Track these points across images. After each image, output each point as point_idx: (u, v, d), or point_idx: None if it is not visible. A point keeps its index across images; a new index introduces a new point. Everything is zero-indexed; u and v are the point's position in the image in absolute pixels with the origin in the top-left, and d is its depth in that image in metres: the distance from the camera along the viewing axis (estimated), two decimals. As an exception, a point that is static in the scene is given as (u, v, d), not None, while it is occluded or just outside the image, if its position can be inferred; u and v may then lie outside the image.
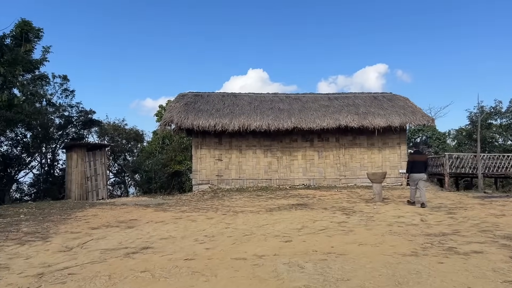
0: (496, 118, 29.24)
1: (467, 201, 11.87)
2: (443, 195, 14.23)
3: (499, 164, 17.53)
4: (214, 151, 18.26)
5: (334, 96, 20.32)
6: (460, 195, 14.22)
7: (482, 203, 11.29)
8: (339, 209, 10.38)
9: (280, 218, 8.85)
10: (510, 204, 10.81)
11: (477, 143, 17.15)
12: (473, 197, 13.45)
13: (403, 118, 18.07)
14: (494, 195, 13.73)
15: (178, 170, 24.82)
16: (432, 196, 13.99)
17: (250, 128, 17.32)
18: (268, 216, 9.25)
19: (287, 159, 18.58)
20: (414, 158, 11.26)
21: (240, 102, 19.10)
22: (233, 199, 13.56)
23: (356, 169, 18.73)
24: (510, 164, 17.57)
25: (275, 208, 10.63)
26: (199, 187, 17.85)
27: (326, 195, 14.37)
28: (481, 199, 12.59)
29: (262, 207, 10.92)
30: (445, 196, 13.92)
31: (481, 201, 11.79)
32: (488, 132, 29.93)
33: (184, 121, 17.14)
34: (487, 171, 17.52)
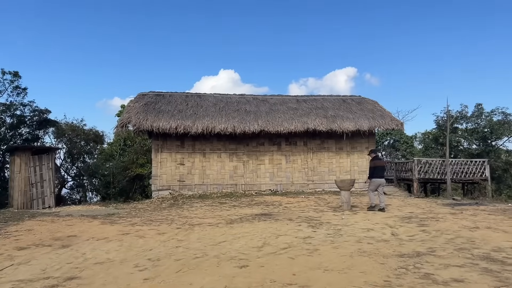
0: (462, 123, 29.52)
1: (438, 210, 11.41)
2: (413, 202, 13.79)
3: (467, 170, 17.37)
4: (175, 155, 17.22)
5: (303, 99, 19.69)
6: (430, 202, 13.81)
7: (453, 212, 10.84)
8: (305, 219, 9.63)
9: (240, 233, 8.00)
10: (481, 213, 10.39)
11: (446, 148, 16.93)
12: (442, 204, 13.06)
13: (372, 122, 17.63)
14: (463, 202, 13.40)
15: (140, 174, 23.54)
16: (402, 203, 13.51)
17: (215, 130, 16.40)
18: (227, 230, 8.38)
19: (253, 164, 17.77)
20: (376, 164, 11.64)
21: (204, 103, 18.14)
22: (193, 207, 12.60)
23: (324, 173, 18.15)
24: (477, 169, 17.44)
25: (237, 220, 9.76)
26: (159, 193, 16.75)
27: (293, 202, 13.64)
28: (451, 207, 12.18)
29: (223, 218, 10.03)
30: (415, 203, 13.47)
31: (451, 210, 11.35)
32: (454, 136, 30.19)
33: (143, 123, 16.02)
34: (455, 177, 17.32)
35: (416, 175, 17.11)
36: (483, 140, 28.61)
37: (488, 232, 7.65)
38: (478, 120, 28.74)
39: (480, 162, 17.63)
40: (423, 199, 15.13)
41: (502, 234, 7.43)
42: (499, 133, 27.17)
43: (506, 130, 27.13)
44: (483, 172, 17.47)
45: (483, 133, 28.14)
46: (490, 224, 8.63)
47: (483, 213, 10.53)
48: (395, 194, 16.89)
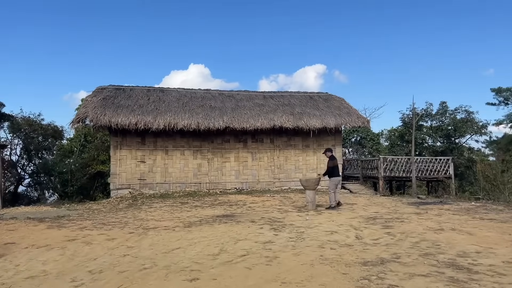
0: (426, 120, 29.98)
1: (403, 209, 11.26)
2: (378, 201, 13.65)
3: (431, 168, 17.48)
4: (136, 152, 16.44)
5: (270, 95, 19.28)
6: (395, 201, 13.72)
7: (418, 212, 10.70)
8: (268, 221, 9.21)
9: (197, 238, 7.47)
10: (446, 213, 10.29)
11: (412, 146, 16.97)
12: (408, 203, 12.96)
13: (339, 119, 17.44)
14: (428, 201, 13.37)
15: (101, 171, 22.55)
16: (367, 202, 13.34)
17: (178, 127, 15.75)
18: (184, 234, 7.83)
19: (218, 161, 17.23)
20: (335, 163, 11.83)
21: (167, 98, 17.41)
22: (153, 208, 11.95)
23: (290, 171, 17.83)
24: (442, 167, 17.58)
25: (196, 222, 9.22)
26: (118, 192, 15.95)
27: (258, 202, 13.22)
28: (416, 206, 12.08)
29: (181, 221, 9.46)
30: (380, 202, 13.33)
31: (416, 209, 11.22)
32: (419, 133, 30.65)
33: (101, 118, 15.16)
34: (420, 175, 17.40)
35: (382, 173, 17.06)
36: (447, 137, 29.19)
37: (453, 234, 7.46)
38: (443, 118, 29.27)
39: (444, 160, 17.79)
40: (388, 198, 15.05)
41: (467, 236, 7.24)
42: (462, 130, 27.76)
43: (469, 128, 27.74)
44: (447, 170, 17.64)
45: (447, 131, 28.68)
46: (455, 225, 8.47)
47: (448, 212, 10.43)
48: (361, 192, 16.79)
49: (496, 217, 9.51)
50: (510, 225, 8.27)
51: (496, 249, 6.25)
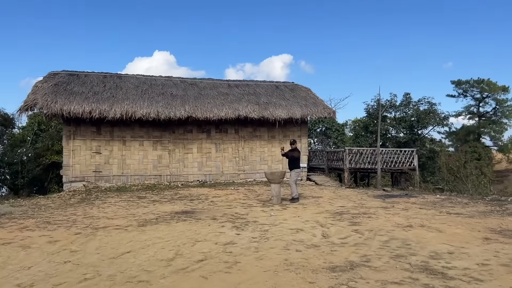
0: (390, 111, 30.26)
1: (369, 203, 10.99)
2: (344, 194, 13.39)
3: (396, 159, 17.45)
4: (91, 142, 15.40)
5: (235, 84, 18.61)
6: (361, 194, 13.50)
7: (385, 205, 10.45)
8: (231, 218, 8.65)
9: (151, 239, 6.80)
10: (412, 207, 10.08)
11: (377, 137, 16.83)
12: (373, 196, 12.76)
13: (305, 110, 17.04)
14: (393, 194, 13.22)
15: (56, 161, 21.22)
16: (333, 195, 13.04)
17: (136, 116, 14.83)
18: (137, 235, 7.13)
19: (180, 153, 16.46)
20: (298, 155, 11.66)
21: (125, 85, 16.40)
22: (107, 203, 11.11)
23: (256, 163, 17.32)
24: (406, 159, 17.58)
25: (152, 220, 8.52)
26: (71, 186, 14.90)
27: (221, 196, 12.63)
28: (382, 199, 11.87)
29: (136, 218, 8.73)
30: (346, 195, 13.07)
31: (383, 203, 10.99)
32: (383, 124, 30.93)
33: (52, 105, 14.00)
34: (385, 166, 17.34)
35: (347, 164, 16.85)
36: (410, 128, 29.58)
37: (422, 231, 7.16)
38: (406, 109, 29.60)
39: (409, 152, 17.82)
40: (354, 190, 14.84)
41: (437, 234, 6.96)
42: (425, 122, 28.18)
43: (431, 119, 28.17)
44: (412, 162, 17.68)
45: (411, 122, 29.04)
46: (423, 221, 8.22)
47: (414, 206, 10.23)
48: (326, 184, 16.53)
49: (462, 211, 9.37)
50: (477, 221, 8.09)
51: (468, 248, 5.97)
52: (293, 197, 11.17)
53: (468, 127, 41.06)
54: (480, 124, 41.19)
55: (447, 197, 12.21)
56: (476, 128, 40.71)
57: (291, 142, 11.72)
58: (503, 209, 9.59)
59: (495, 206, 10.17)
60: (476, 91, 41.25)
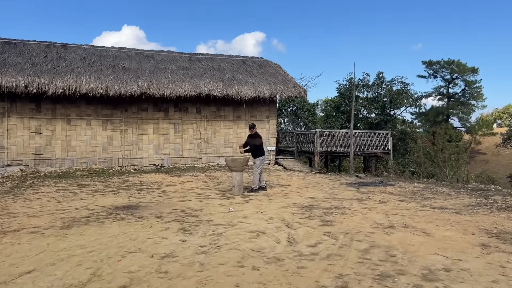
0: (363, 91, 29.28)
1: (342, 193, 9.80)
2: (314, 181, 12.18)
3: (370, 142, 16.38)
4: (29, 121, 13.46)
5: (197, 57, 16.88)
6: (332, 181, 12.33)
7: (359, 197, 9.27)
8: (180, 215, 7.22)
9: (70, 248, 5.29)
10: (390, 199, 8.94)
11: (350, 119, 15.65)
12: (346, 184, 11.60)
13: (274, 88, 15.60)
14: (368, 181, 12.12)
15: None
16: (302, 182, 11.80)
17: (81, 91, 12.98)
18: (54, 242, 5.59)
19: (134, 133, 14.75)
20: (256, 142, 10.05)
21: (70, 56, 14.39)
22: (38, 194, 9.42)
23: (219, 145, 15.85)
24: (380, 142, 16.54)
25: (82, 219, 6.96)
26: (6, 170, 13.00)
27: (176, 184, 11.15)
28: (356, 188, 10.72)
29: (64, 216, 7.15)
30: (316, 182, 11.86)
31: (357, 193, 9.83)
32: (355, 105, 29.96)
33: (-24, 78, 11.96)
34: (358, 150, 16.25)
35: (318, 148, 15.65)
36: (382, 109, 28.74)
37: (407, 235, 5.96)
38: (379, 89, 28.67)
39: (383, 135, 16.79)
40: (325, 176, 13.66)
41: (424, 238, 5.77)
42: (398, 102, 27.35)
43: (404, 99, 27.36)
44: (386, 145, 16.69)
45: (383, 102, 28.16)
46: (405, 218, 7.07)
47: (393, 198, 9.10)
48: (296, 168, 15.30)
49: (446, 204, 8.30)
50: (467, 219, 6.99)
51: (466, 261, 4.79)
52: (252, 188, 9.87)
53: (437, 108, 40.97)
54: (449, 106, 41.16)
55: (426, 186, 11.20)
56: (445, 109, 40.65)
57: (250, 126, 10.22)
58: (490, 202, 8.60)
59: (480, 197, 9.18)
60: (446, 72, 41.05)
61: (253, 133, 10.07)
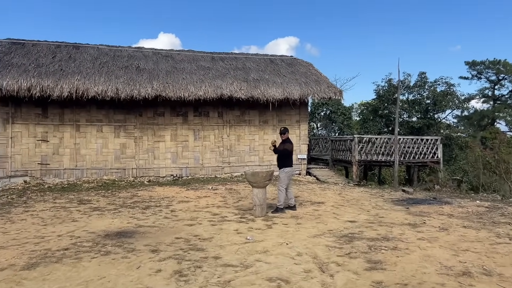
0: (404, 93, 26.97)
1: (389, 215, 7.91)
2: (352, 196, 10.32)
3: (416, 150, 14.27)
4: (35, 128, 12.33)
5: (220, 56, 15.34)
6: (374, 196, 10.43)
7: (412, 220, 7.35)
8: (182, 248, 5.60)
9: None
10: (453, 225, 6.96)
11: (395, 123, 13.60)
12: (392, 201, 9.67)
13: (305, 89, 13.83)
14: (418, 198, 10.11)
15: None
16: (339, 199, 9.97)
17: (89, 94, 11.71)
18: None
19: (149, 141, 13.37)
20: (290, 148, 8.40)
21: (80, 56, 13.20)
22: (28, 212, 8.06)
23: (244, 154, 14.23)
24: (428, 149, 14.40)
25: (56, 253, 5.45)
26: (10, 182, 11.88)
27: (190, 200, 9.59)
28: (405, 207, 8.80)
29: (36, 249, 5.66)
30: (355, 198, 10.00)
31: (408, 215, 7.92)
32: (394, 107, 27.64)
33: (-24, 80, 10.89)
34: (402, 158, 14.18)
35: (357, 156, 13.70)
36: (425, 112, 26.31)
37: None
38: (421, 91, 26.26)
39: (432, 141, 14.63)
40: (365, 190, 11.74)
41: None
42: (442, 105, 24.85)
43: (449, 101, 24.84)
44: (435, 153, 14.53)
45: (426, 105, 25.75)
46: (481, 257, 5.15)
47: (455, 223, 7.14)
48: (330, 180, 13.43)
49: (534, 236, 6.26)
50: None
51: None
52: (277, 207, 8.19)
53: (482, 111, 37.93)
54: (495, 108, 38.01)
55: (492, 205, 9.10)
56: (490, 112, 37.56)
57: (281, 131, 8.57)
58: None
59: None
60: (491, 73, 38.04)
61: (285, 139, 8.45)
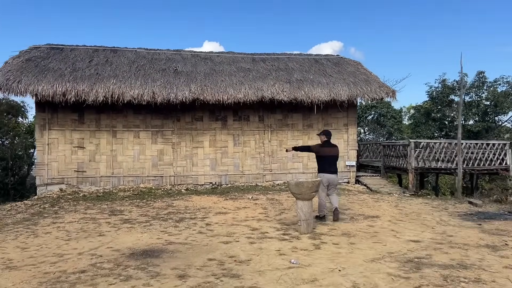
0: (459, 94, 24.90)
1: (459, 233, 6.64)
2: (411, 209, 9.04)
3: (481, 156, 12.67)
4: (72, 134, 12.01)
5: (261, 58, 14.48)
6: (437, 209, 9.10)
7: (490, 241, 6.05)
8: (214, 274, 4.71)
9: None
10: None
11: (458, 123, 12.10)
12: (458, 215, 8.33)
13: (353, 89, 12.68)
14: (489, 212, 8.69)
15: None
16: (396, 212, 8.74)
17: (124, 98, 11.22)
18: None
19: (187, 147, 12.72)
20: (325, 152, 7.73)
21: (117, 60, 12.80)
22: (54, 225, 7.53)
23: (286, 160, 13.27)
24: (495, 155, 12.75)
25: (71, 277, 4.73)
26: (46, 190, 11.60)
27: (228, 212, 8.73)
28: (477, 224, 7.45)
29: (50, 271, 4.97)
30: (415, 212, 8.72)
31: (481, 233, 6.61)
32: (448, 110, 25.60)
33: (13, 86, 10.68)
34: (465, 165, 12.62)
35: (413, 163, 12.32)
36: (484, 115, 24.11)
37: None
38: (479, 92, 24.12)
39: (499, 146, 12.96)
40: (424, 201, 10.39)
41: None
42: (504, 106, 22.61)
43: (511, 103, 22.57)
44: (503, 159, 12.86)
45: (485, 107, 23.60)
46: None
47: (551, 248, 5.78)
48: (383, 190, 12.14)
49: None
50: None
51: None
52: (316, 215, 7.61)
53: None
54: None
55: None
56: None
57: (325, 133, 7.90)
58: None
59: None
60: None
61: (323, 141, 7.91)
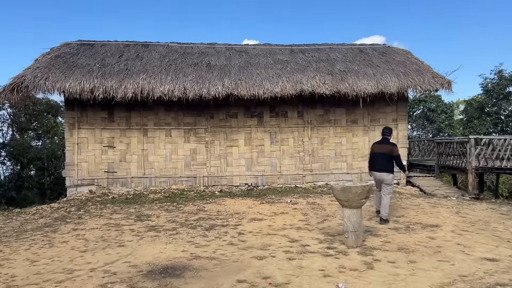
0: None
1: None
2: (476, 216, 7.74)
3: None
4: (101, 133, 11.52)
5: (300, 49, 13.43)
6: (507, 216, 7.74)
7: None
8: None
9: None
10: None
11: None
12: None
13: (404, 80, 11.39)
14: None
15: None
16: (459, 220, 7.48)
17: (154, 95, 10.57)
18: None
19: (221, 146, 11.93)
20: (372, 149, 7.73)
21: (148, 55, 12.19)
22: (75, 231, 6.91)
23: (328, 159, 12.17)
24: None
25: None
26: (76, 191, 11.17)
27: (264, 217, 7.81)
28: None
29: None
30: (483, 220, 7.43)
31: None
32: (505, 103, 23.43)
33: (41, 82, 10.27)
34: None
35: (473, 162, 10.88)
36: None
37: None
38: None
39: None
40: (489, 206, 9.00)
41: None
42: None
43: None
44: None
45: (550, 99, 21.34)
46: None
47: None
48: (438, 192, 10.79)
49: None
50: None
51: None
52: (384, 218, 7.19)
53: None
54: None
55: None
56: None
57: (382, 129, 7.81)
58: None
59: None
60: None
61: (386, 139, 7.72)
